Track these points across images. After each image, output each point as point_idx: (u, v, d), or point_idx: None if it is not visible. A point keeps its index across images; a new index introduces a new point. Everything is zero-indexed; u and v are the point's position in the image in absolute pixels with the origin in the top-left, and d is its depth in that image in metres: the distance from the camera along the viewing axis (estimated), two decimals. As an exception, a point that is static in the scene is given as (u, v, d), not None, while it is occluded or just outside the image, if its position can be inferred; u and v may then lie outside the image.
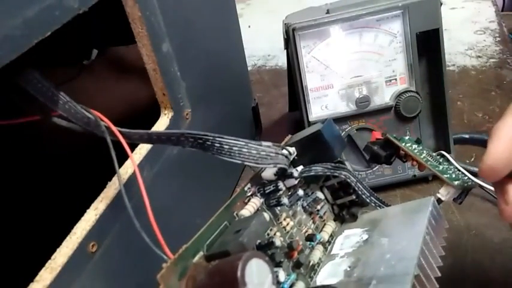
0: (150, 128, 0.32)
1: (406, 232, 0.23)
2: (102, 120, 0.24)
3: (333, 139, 0.27)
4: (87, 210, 0.25)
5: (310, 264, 0.24)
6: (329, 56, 0.41)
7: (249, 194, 0.24)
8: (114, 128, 0.23)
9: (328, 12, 0.41)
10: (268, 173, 0.24)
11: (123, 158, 0.29)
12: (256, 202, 0.24)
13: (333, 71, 0.41)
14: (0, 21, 0.19)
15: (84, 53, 0.53)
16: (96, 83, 0.51)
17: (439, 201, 0.26)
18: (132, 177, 0.28)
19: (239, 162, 0.22)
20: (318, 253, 0.25)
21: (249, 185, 0.24)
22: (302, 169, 0.25)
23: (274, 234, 0.23)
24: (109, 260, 0.26)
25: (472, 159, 0.46)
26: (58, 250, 0.23)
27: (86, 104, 0.24)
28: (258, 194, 0.24)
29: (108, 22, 0.47)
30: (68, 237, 0.24)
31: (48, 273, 0.22)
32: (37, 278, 0.22)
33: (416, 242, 0.21)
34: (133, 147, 0.28)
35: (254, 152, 0.22)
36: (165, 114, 0.33)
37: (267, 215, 0.24)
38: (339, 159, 0.27)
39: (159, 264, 0.18)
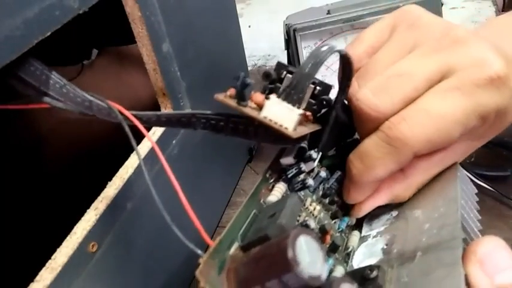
0: (150, 128, 0.32)
1: (439, 200, 0.22)
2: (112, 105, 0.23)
3: (347, 117, 0.25)
4: (87, 210, 0.25)
5: (349, 250, 0.23)
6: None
7: (272, 180, 0.23)
8: (125, 111, 0.22)
9: (329, 12, 0.41)
10: (287, 158, 0.23)
11: (123, 158, 0.29)
12: (281, 187, 0.22)
13: (334, 71, 0.41)
14: (0, 21, 0.19)
15: (84, 53, 0.53)
16: (96, 83, 0.51)
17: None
18: (132, 177, 0.28)
19: (255, 141, 0.21)
20: (355, 238, 0.24)
21: (269, 172, 0.23)
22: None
23: (305, 219, 0.22)
24: (109, 260, 0.26)
25: (472, 159, 0.45)
26: (58, 250, 0.23)
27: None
28: (281, 180, 0.23)
29: (108, 22, 0.47)
30: (68, 237, 0.24)
31: (49, 273, 0.22)
32: (37, 278, 0.22)
33: (454, 208, 0.20)
34: (139, 140, 0.28)
35: (271, 131, 0.20)
36: (165, 114, 0.33)
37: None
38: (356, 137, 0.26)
39: (160, 264, 0.18)
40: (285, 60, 0.48)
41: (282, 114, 0.20)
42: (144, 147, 0.30)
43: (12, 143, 0.47)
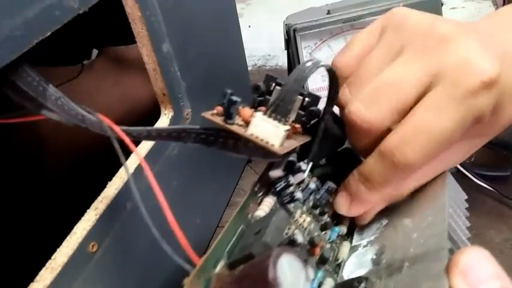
0: (150, 128, 0.32)
1: (427, 209, 0.23)
2: (103, 119, 0.23)
3: (337, 127, 0.25)
4: (87, 210, 0.25)
5: (339, 261, 0.23)
6: (330, 56, 0.41)
7: (260, 194, 0.23)
8: (115, 126, 0.23)
9: (329, 12, 0.41)
10: (276, 170, 0.23)
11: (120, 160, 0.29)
12: (269, 201, 0.23)
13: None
14: (0, 21, 0.19)
15: (84, 53, 0.53)
16: (96, 83, 0.51)
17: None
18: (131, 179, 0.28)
19: (245, 157, 0.21)
20: (345, 249, 0.24)
21: (258, 185, 0.23)
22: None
23: (293, 232, 0.22)
24: (109, 260, 0.26)
25: (472, 159, 0.45)
26: (58, 250, 0.23)
27: (85, 103, 0.24)
28: (270, 194, 0.23)
29: (108, 22, 0.47)
30: (68, 237, 0.24)
31: (49, 273, 0.22)
32: (37, 278, 0.22)
33: (441, 217, 0.20)
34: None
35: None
36: (165, 114, 0.33)
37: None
38: (347, 147, 0.26)
39: (159, 264, 0.18)
40: (285, 60, 0.48)
41: (268, 131, 0.20)
42: (143, 147, 0.30)
43: (12, 144, 0.47)
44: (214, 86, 0.41)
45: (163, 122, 0.33)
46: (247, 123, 0.21)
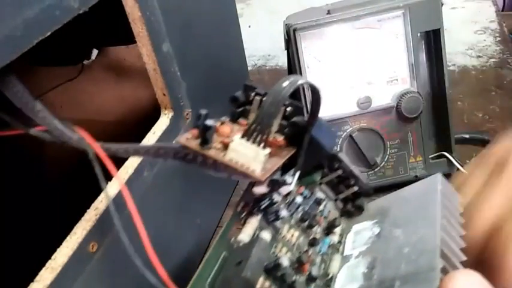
0: (150, 128, 0.32)
1: (419, 219, 0.22)
2: (80, 134, 0.23)
3: (322, 135, 0.24)
4: (87, 210, 0.25)
5: (330, 276, 0.23)
6: (330, 56, 0.41)
7: (243, 215, 0.22)
8: (92, 142, 0.22)
9: (329, 12, 0.41)
10: (261, 187, 0.22)
11: (120, 160, 0.29)
12: (253, 222, 0.22)
13: (334, 71, 0.41)
14: (0, 21, 0.19)
15: (84, 53, 0.53)
16: (96, 83, 0.51)
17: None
18: (132, 177, 0.28)
19: (225, 176, 0.20)
20: (336, 264, 0.24)
21: (241, 204, 0.22)
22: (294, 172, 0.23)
23: (280, 250, 0.21)
24: (109, 260, 0.26)
25: (473, 159, 0.45)
26: (58, 250, 0.23)
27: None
28: (254, 211, 0.22)
29: (108, 22, 0.47)
30: (68, 237, 0.24)
31: (49, 273, 0.22)
32: (37, 278, 0.22)
33: (434, 229, 0.20)
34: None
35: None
36: (165, 114, 0.33)
37: (268, 234, 0.22)
38: (333, 154, 0.26)
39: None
40: (285, 60, 0.48)
41: (247, 156, 0.19)
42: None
43: (12, 144, 0.47)
44: (215, 86, 0.41)
45: (164, 122, 0.33)
46: (225, 146, 0.20)
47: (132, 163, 0.28)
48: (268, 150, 0.20)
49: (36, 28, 0.21)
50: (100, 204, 0.26)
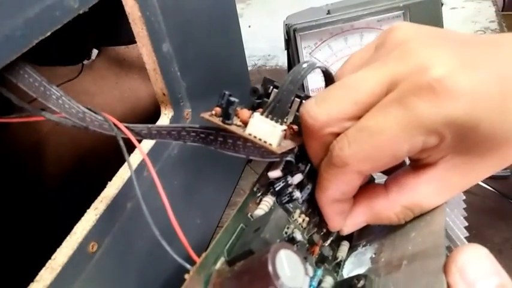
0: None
1: None
2: (107, 117, 0.23)
3: None
4: (87, 210, 0.25)
5: (338, 260, 0.23)
6: (330, 56, 0.41)
7: (259, 194, 0.23)
8: (118, 123, 0.23)
9: (329, 12, 0.41)
10: (275, 171, 0.23)
11: (122, 158, 0.29)
12: (268, 200, 0.23)
13: (334, 71, 0.41)
14: (0, 21, 0.19)
15: (84, 53, 0.53)
16: (96, 83, 0.51)
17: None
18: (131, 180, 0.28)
19: (243, 156, 0.22)
20: (344, 248, 0.24)
21: (257, 185, 0.23)
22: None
23: (292, 232, 0.22)
24: (109, 260, 0.26)
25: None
26: (58, 250, 0.23)
27: (86, 103, 0.24)
28: (269, 194, 0.23)
29: (108, 22, 0.47)
30: (68, 237, 0.24)
31: (49, 273, 0.22)
32: (37, 278, 0.22)
33: (440, 215, 0.20)
34: (133, 149, 0.28)
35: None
36: (165, 114, 0.33)
37: (283, 211, 0.22)
38: None
39: (159, 264, 0.18)
40: (285, 60, 0.48)
41: (265, 130, 0.21)
42: (144, 147, 0.30)
43: (12, 144, 0.47)
44: (214, 86, 0.41)
45: (164, 122, 0.33)
46: (245, 124, 0.21)
47: (132, 163, 0.28)
48: (284, 126, 0.21)
49: (37, 28, 0.21)
50: (100, 204, 0.26)
